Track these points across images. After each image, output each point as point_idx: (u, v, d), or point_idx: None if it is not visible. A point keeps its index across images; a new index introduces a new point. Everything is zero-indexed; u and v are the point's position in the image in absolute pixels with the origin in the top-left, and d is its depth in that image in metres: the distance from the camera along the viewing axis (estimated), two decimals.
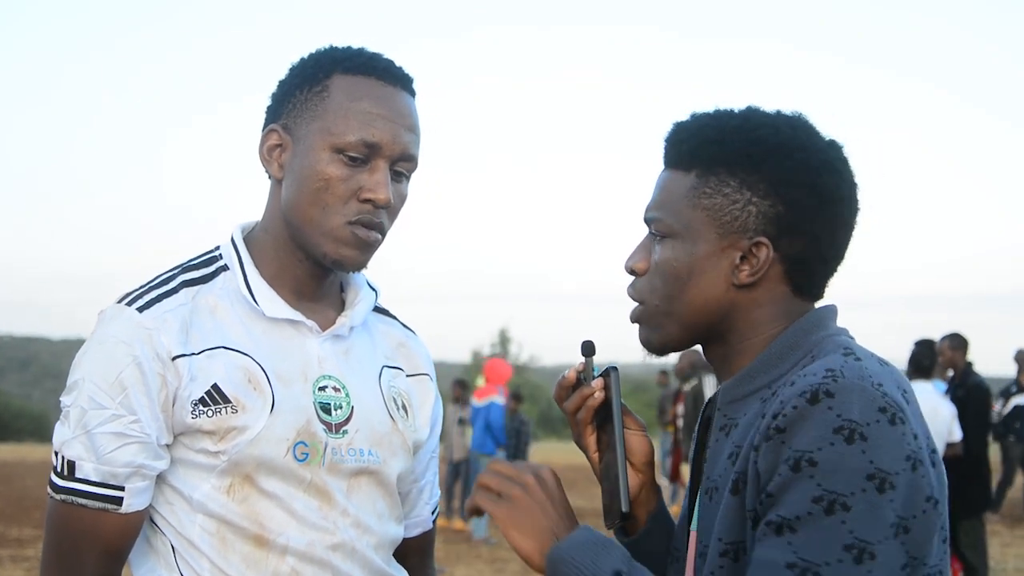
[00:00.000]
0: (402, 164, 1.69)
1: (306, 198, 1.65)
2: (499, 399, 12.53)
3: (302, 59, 1.73)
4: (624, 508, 1.56)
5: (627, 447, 1.62)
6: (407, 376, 1.86)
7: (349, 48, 1.72)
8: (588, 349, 1.63)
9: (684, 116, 1.59)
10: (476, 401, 12.85)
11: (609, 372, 1.62)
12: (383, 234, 1.70)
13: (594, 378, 1.63)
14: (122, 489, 1.59)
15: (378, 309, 1.87)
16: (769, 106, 1.58)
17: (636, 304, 1.58)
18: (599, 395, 1.61)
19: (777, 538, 1.33)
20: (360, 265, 1.70)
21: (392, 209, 1.70)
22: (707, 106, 1.59)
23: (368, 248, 1.69)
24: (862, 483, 1.31)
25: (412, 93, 1.72)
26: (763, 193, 1.49)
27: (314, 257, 1.69)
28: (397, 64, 1.72)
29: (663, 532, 1.66)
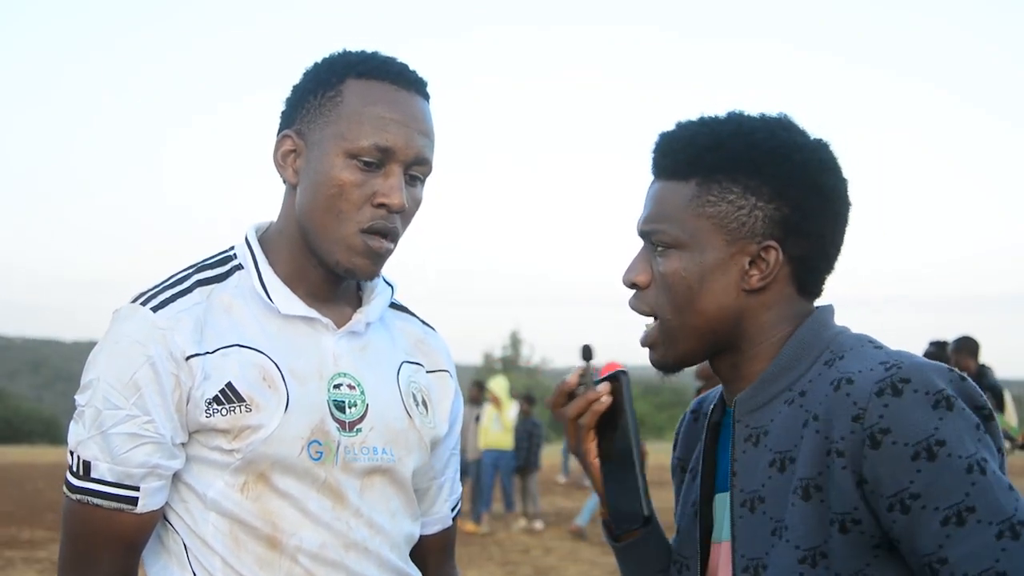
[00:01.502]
0: (416, 168, 1.68)
1: (321, 204, 1.65)
2: None
3: (315, 64, 1.72)
4: (647, 512, 1.55)
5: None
6: (427, 372, 1.85)
7: (363, 52, 1.71)
8: (587, 353, 1.61)
9: (669, 126, 1.59)
10: None
11: (619, 376, 1.59)
12: (396, 240, 1.70)
13: (595, 382, 1.61)
14: (137, 489, 1.59)
15: (397, 306, 1.87)
16: (757, 108, 1.59)
17: (648, 322, 1.57)
18: (607, 399, 1.59)
19: (965, 527, 1.35)
20: (372, 275, 1.71)
21: (406, 213, 1.69)
22: (690, 115, 1.59)
23: (380, 258, 1.69)
24: (976, 435, 1.38)
25: (426, 97, 1.72)
26: (768, 197, 1.50)
27: (326, 264, 1.69)
28: (411, 67, 1.72)
29: (655, 539, 1.65)
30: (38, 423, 45.09)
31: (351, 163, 1.64)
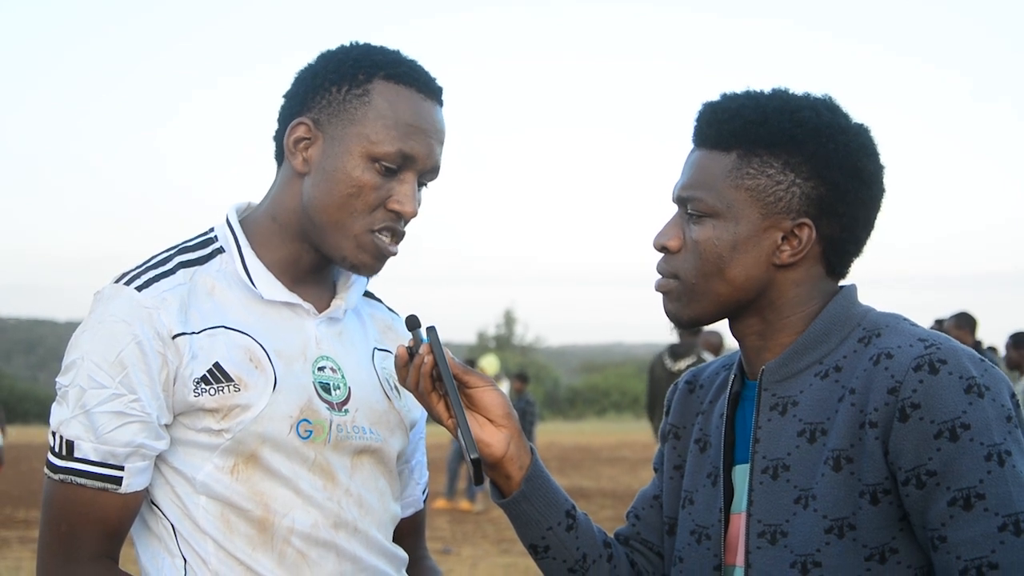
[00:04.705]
0: (428, 175, 1.71)
1: (335, 201, 1.65)
2: None
3: (337, 54, 1.71)
4: (473, 455, 1.53)
5: (479, 402, 1.60)
6: None
7: (387, 50, 1.71)
8: (413, 323, 1.63)
9: (715, 97, 1.61)
10: None
11: (427, 332, 1.59)
12: (400, 242, 1.71)
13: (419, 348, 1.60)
14: (122, 469, 1.58)
15: (365, 293, 1.88)
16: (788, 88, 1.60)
17: (667, 279, 1.59)
18: (428, 359, 1.58)
19: (970, 512, 1.38)
20: (374, 272, 1.71)
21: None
22: (737, 87, 1.61)
23: (385, 258, 1.70)
24: (1006, 427, 1.41)
25: (443, 104, 1.73)
26: (806, 175, 1.53)
27: (331, 257, 1.69)
28: (432, 74, 1.73)
29: (544, 498, 1.63)
30: (33, 403, 45.15)
31: (372, 166, 1.65)
